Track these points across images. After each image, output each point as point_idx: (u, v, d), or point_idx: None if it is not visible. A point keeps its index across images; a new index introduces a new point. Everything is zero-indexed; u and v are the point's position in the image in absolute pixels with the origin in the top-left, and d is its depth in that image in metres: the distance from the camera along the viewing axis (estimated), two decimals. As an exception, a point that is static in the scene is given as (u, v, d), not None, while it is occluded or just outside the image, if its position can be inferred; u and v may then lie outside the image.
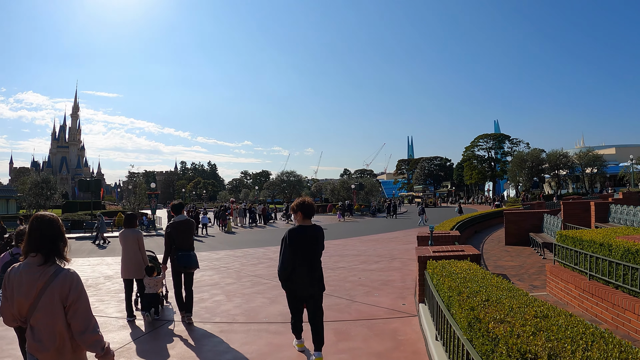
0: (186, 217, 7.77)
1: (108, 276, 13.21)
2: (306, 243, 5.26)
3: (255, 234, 30.32)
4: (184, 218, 7.68)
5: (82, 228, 34.39)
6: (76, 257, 19.06)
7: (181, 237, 7.46)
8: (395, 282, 10.35)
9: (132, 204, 38.97)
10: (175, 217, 7.70)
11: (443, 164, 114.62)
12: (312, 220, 5.53)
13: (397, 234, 25.14)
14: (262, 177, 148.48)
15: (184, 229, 7.55)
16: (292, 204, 5.52)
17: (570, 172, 66.93)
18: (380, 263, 13.61)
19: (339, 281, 10.67)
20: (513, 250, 15.60)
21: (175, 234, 7.44)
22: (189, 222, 7.70)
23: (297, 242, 5.20)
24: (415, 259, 14.32)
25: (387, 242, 20.58)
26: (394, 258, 14.67)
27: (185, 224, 7.59)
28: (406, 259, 14.22)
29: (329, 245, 20.58)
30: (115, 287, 11.39)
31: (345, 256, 15.69)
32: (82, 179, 39.44)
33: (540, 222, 17.04)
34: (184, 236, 7.51)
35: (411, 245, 18.80)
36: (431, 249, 7.88)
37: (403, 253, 16.03)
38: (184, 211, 7.96)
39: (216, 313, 8.17)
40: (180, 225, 7.53)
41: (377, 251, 17.03)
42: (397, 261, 13.89)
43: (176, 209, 7.84)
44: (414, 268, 12.23)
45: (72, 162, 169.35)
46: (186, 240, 7.52)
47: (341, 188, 61.84)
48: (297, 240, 5.21)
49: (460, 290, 4.37)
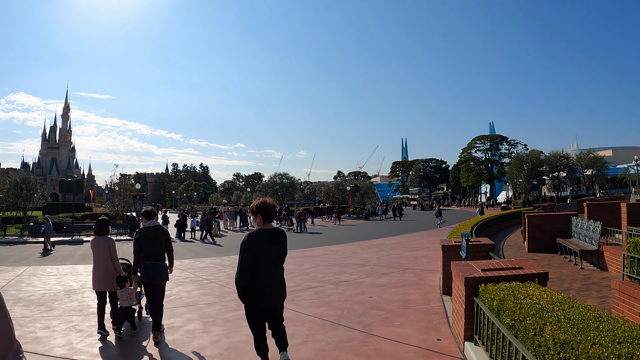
0: (157, 224, 7.15)
1: (70, 290, 11.14)
2: (268, 248, 4.85)
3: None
4: (154, 224, 7.10)
5: (63, 231, 32.05)
6: (47, 264, 17.03)
7: (149, 245, 6.79)
8: (417, 303, 8.29)
9: (117, 206, 36.62)
10: (146, 222, 7.15)
11: (439, 166, 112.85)
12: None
13: (400, 239, 23.13)
14: (254, 180, 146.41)
15: (154, 236, 6.91)
16: (252, 205, 5.06)
17: (571, 173, 65.27)
18: (390, 276, 11.57)
19: (346, 301, 8.59)
20: (540, 258, 13.62)
21: (143, 241, 6.80)
22: (160, 229, 7.11)
23: (258, 248, 4.77)
24: (431, 270, 12.54)
25: (391, 249, 18.58)
26: (405, 269, 12.65)
27: (155, 231, 6.97)
28: (419, 270, 12.21)
29: (326, 252, 18.68)
30: (73, 305, 9.33)
31: (347, 266, 13.66)
32: (64, 179, 36.91)
33: (566, 225, 15.12)
34: (153, 244, 6.83)
35: (419, 252, 16.83)
36: (475, 264, 5.86)
37: (413, 262, 14.02)
38: (156, 218, 7.43)
39: (185, 351, 6.11)
40: (149, 232, 6.91)
41: (382, 259, 15.01)
42: (410, 273, 11.85)
43: (147, 215, 7.30)
44: (433, 282, 10.23)
45: (62, 164, 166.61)
46: (155, 248, 6.83)
47: (336, 190, 59.67)
48: (259, 245, 4.79)
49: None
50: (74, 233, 31.61)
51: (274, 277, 4.97)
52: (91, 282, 7.42)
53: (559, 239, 14.49)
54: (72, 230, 31.83)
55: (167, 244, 7.05)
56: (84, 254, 20.70)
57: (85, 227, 32.60)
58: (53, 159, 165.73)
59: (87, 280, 12.39)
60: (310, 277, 11.71)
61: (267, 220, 4.98)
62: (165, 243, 6.99)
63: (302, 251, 19.06)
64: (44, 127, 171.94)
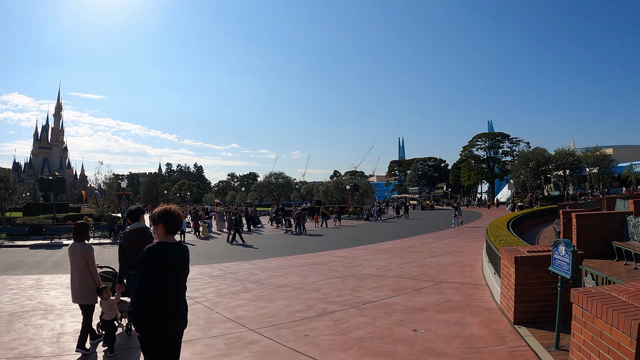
0: (143, 226, 6.50)
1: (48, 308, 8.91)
2: (170, 266, 3.89)
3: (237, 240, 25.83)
4: (139, 227, 6.44)
5: (42, 234, 29.39)
6: (11, 273, 14.61)
7: (133, 251, 5.87)
8: (486, 341, 5.73)
9: (100, 206, 33.86)
10: (131, 225, 6.50)
11: (437, 164, 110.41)
12: None
13: (411, 242, 20.66)
14: (249, 180, 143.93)
15: (138, 240, 6.08)
16: (153, 213, 4.16)
17: (577, 171, 63.12)
18: (425, 293, 9.08)
19: (383, 340, 6.03)
20: (598, 266, 11.20)
21: (127, 246, 6.23)
22: (145, 233, 6.37)
23: (159, 265, 3.81)
24: (474, 284, 9.89)
25: (407, 254, 16.11)
26: (438, 282, 10.17)
27: (140, 235, 6.28)
28: (458, 284, 9.73)
29: (333, 259, 15.78)
30: (6, 339, 6.80)
31: (364, 278, 11.17)
32: (44, 178, 34.09)
33: (620, 226, 12.73)
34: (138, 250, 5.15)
35: (442, 258, 14.39)
36: (618, 290, 3.42)
37: (444, 273, 11.52)
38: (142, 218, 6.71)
39: None
40: (133, 236, 6.30)
41: (403, 269, 12.55)
42: (449, 288, 9.35)
43: (132, 215, 6.61)
44: (487, 302, 7.71)
45: (54, 164, 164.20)
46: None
47: (335, 189, 57.12)
48: (160, 262, 3.81)
49: None
50: (53, 236, 29.06)
51: (179, 300, 4.06)
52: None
53: (615, 242, 12.12)
54: (53, 233, 29.27)
55: None
56: (58, 260, 18.19)
57: (67, 229, 29.97)
58: (45, 159, 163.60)
59: (48, 297, 10.25)
60: (322, 296, 9.22)
61: (169, 233, 4.09)
62: None
63: (305, 257, 16.59)
64: (36, 126, 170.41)
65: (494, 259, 8.64)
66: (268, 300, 9.03)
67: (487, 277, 9.61)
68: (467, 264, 12.96)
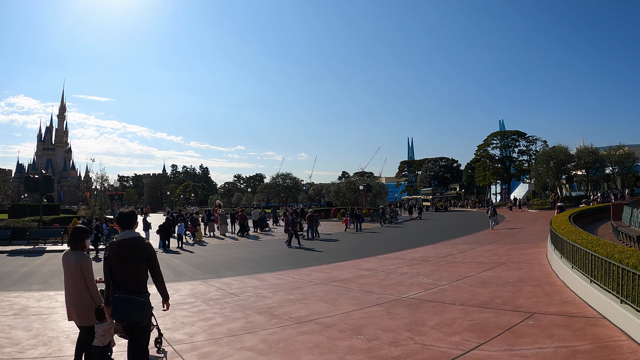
0: (135, 235, 4.61)
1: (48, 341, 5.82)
2: None
3: (242, 247, 22.80)
4: (130, 236, 4.58)
5: (25, 238, 26.31)
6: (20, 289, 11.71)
7: (121, 268, 4.40)
8: None
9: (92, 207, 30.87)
10: (121, 233, 4.62)
11: (449, 165, 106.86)
12: None
13: (445, 249, 17.53)
14: (255, 181, 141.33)
15: (127, 254, 4.44)
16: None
17: (600, 170, 59.82)
18: (525, 336, 5.87)
19: None
20: None
21: (113, 261, 4.44)
22: (137, 244, 4.54)
23: None
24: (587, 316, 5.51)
25: (450, 265, 13.00)
26: (528, 312, 6.99)
27: (129, 246, 4.48)
28: (564, 318, 6.53)
29: (360, 273, 12.16)
30: None
31: (417, 307, 8.00)
32: (29, 176, 31.10)
33: None
34: (126, 266, 4.39)
35: (500, 272, 11.22)
36: None
37: (522, 295, 8.31)
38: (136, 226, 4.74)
39: None
40: (120, 248, 4.47)
41: (461, 289, 9.40)
42: (554, 325, 6.17)
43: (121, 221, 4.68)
44: None
45: (58, 165, 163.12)
46: (128, 273, 4.43)
47: (347, 190, 54.01)
48: None
49: None
50: (38, 240, 26.08)
51: None
52: None
53: None
54: (37, 237, 26.25)
55: (151, 264, 4.63)
56: (29, 271, 15.27)
57: (52, 233, 27.01)
58: (49, 160, 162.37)
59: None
60: (368, 343, 5.98)
61: None
62: (147, 264, 4.59)
63: (324, 270, 13.50)
64: (39, 127, 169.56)
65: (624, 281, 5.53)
66: (285, 351, 5.86)
67: (599, 305, 6.66)
68: (542, 280, 9.84)
